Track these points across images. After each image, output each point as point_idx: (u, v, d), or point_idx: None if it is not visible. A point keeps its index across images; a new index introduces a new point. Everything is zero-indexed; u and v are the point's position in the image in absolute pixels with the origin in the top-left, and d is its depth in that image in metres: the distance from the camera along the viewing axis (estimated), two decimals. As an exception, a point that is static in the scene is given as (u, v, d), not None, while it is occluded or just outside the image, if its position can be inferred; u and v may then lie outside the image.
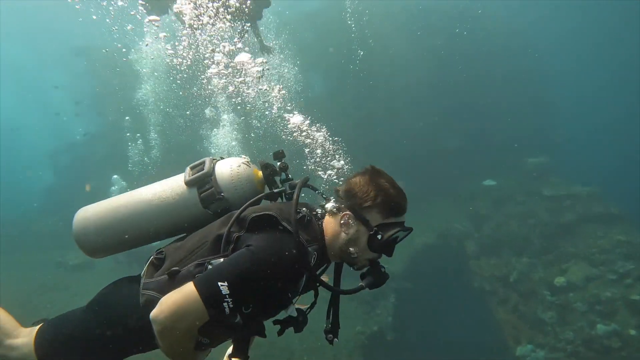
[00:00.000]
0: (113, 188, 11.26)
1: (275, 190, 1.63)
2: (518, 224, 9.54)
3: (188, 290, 1.22)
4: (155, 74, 10.83)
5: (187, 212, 1.61)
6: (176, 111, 11.25)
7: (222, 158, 1.73)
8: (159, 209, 1.62)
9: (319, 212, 1.53)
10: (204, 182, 1.60)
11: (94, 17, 5.70)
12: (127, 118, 12.18)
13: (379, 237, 1.37)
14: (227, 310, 1.21)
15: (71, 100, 15.45)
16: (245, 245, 1.31)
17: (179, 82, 9.94)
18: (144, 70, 10.78)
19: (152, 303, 1.29)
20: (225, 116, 8.56)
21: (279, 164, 1.65)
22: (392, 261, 1.36)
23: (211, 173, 1.61)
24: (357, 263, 1.44)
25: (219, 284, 1.21)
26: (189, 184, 1.61)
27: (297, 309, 1.45)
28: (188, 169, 1.68)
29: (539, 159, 11.07)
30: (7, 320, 1.59)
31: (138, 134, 11.88)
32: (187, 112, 10.53)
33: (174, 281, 1.35)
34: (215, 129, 8.67)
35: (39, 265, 10.29)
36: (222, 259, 1.34)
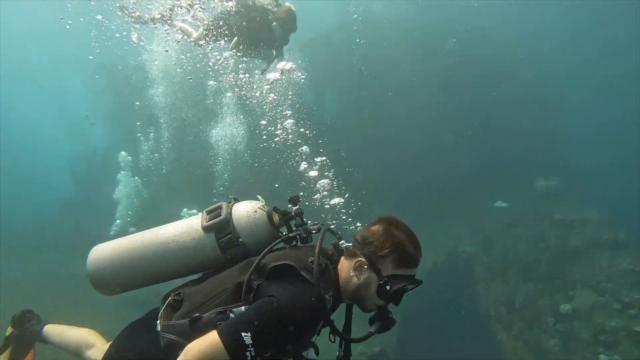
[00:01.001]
0: (122, 166, 11.57)
1: (291, 235, 1.66)
2: (527, 247, 9.59)
3: (212, 339, 1.29)
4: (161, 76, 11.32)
5: (204, 256, 1.65)
6: (185, 107, 11.60)
7: (237, 200, 1.79)
8: (176, 252, 1.66)
9: (335, 256, 1.59)
10: (221, 228, 1.64)
11: (117, 35, 6.17)
12: (137, 123, 12.55)
13: (388, 287, 1.42)
14: (249, 358, 1.28)
15: (92, 110, 16.04)
16: (267, 295, 1.36)
17: (190, 80, 10.34)
18: (155, 74, 11.16)
19: (173, 347, 1.39)
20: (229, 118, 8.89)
21: (294, 208, 1.69)
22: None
23: (229, 219, 1.64)
24: (366, 307, 1.52)
25: (243, 334, 1.27)
26: (206, 229, 1.65)
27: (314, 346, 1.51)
28: (205, 213, 1.72)
29: (550, 182, 11.07)
30: (89, 337, 2.00)
31: (151, 128, 12.14)
32: (192, 115, 10.95)
33: (196, 327, 1.41)
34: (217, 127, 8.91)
35: (51, 275, 10.55)
36: (243, 307, 1.39)
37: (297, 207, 1.69)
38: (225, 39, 5.07)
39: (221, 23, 4.92)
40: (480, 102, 12.50)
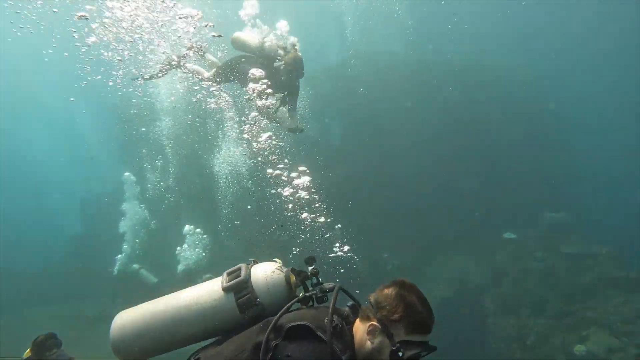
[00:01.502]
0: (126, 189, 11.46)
1: (307, 294, 1.71)
2: (537, 281, 9.49)
3: None
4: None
5: (223, 317, 1.72)
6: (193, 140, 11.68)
7: (255, 261, 1.87)
8: (197, 314, 1.73)
9: (350, 317, 1.62)
10: (241, 289, 1.71)
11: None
12: (143, 150, 12.60)
13: (401, 354, 1.42)
14: None
15: (100, 149, 16.16)
16: (285, 355, 1.40)
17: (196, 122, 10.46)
18: (163, 104, 11.34)
19: None
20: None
21: (310, 268, 1.74)
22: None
23: (247, 279, 1.72)
24: None
25: None
26: (226, 289, 1.72)
27: None
28: (225, 274, 1.80)
29: (558, 214, 11.05)
30: None
31: (159, 156, 12.20)
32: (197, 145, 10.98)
33: None
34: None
35: (58, 317, 10.55)
36: None
37: (313, 267, 1.73)
38: (236, 80, 5.18)
39: (229, 70, 5.08)
40: (487, 133, 12.61)
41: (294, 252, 7.63)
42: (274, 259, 1.89)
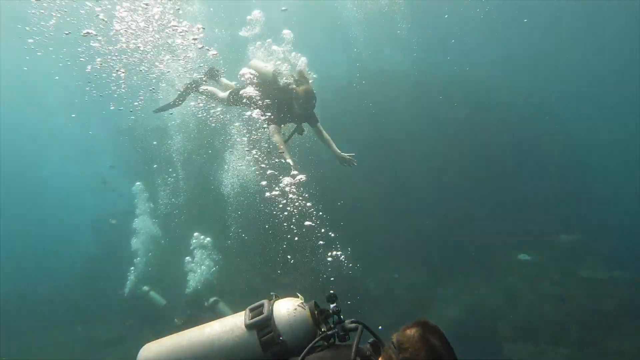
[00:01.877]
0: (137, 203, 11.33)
1: (329, 332, 1.71)
2: (554, 307, 9.18)
3: None
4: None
5: (246, 354, 1.72)
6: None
7: (277, 297, 1.87)
8: (220, 351, 1.74)
9: (372, 356, 1.61)
10: (264, 326, 1.72)
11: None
12: (154, 166, 12.64)
13: None
14: None
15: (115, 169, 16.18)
16: None
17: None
18: (173, 123, 11.43)
19: None
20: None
21: (332, 306, 1.75)
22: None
23: (270, 317, 1.73)
24: None
25: None
26: (249, 327, 1.73)
27: None
28: (248, 311, 1.81)
29: (572, 236, 10.80)
30: None
31: (170, 170, 12.21)
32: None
33: None
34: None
35: (70, 340, 10.42)
36: None
37: (335, 304, 1.75)
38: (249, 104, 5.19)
39: (243, 94, 5.08)
40: (502, 153, 12.49)
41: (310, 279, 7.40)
42: (297, 294, 1.89)
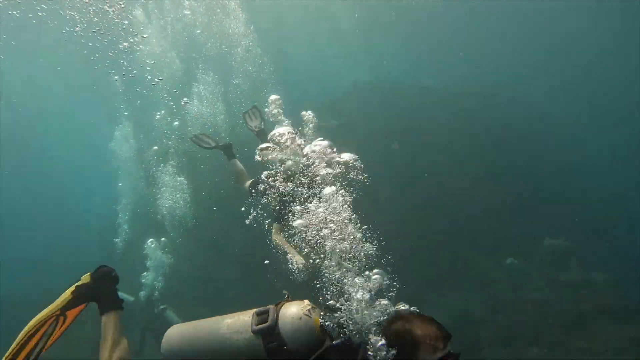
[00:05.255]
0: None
1: (334, 342, 1.78)
2: (533, 311, 9.59)
3: None
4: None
5: (253, 356, 1.84)
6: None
7: (287, 297, 2.00)
8: (231, 347, 1.88)
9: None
10: (269, 335, 1.79)
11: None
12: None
13: None
14: None
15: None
16: None
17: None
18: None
19: None
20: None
21: (337, 315, 1.84)
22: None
23: (275, 325, 1.80)
24: None
25: None
26: (255, 332, 1.83)
27: None
28: (254, 315, 1.91)
29: (557, 241, 11.20)
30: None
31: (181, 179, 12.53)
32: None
33: None
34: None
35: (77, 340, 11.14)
36: None
37: (339, 314, 1.82)
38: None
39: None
40: (488, 158, 13.00)
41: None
42: (305, 300, 1.97)
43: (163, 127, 12.70)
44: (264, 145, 4.55)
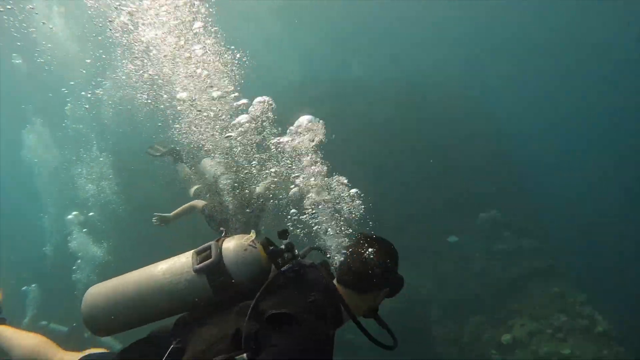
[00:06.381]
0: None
1: (284, 269, 1.72)
2: (474, 282, 10.30)
3: None
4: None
5: (198, 297, 1.71)
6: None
7: (225, 233, 2.01)
8: (171, 295, 1.71)
9: (332, 273, 1.77)
10: (213, 272, 1.68)
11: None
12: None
13: (392, 294, 1.84)
14: None
15: None
16: (270, 345, 1.41)
17: None
18: None
19: None
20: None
21: (285, 242, 1.77)
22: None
23: (219, 260, 1.69)
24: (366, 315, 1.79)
25: None
26: (198, 272, 1.69)
27: None
28: (194, 254, 1.77)
29: (490, 214, 12.06)
30: (49, 345, 2.03)
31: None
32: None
33: None
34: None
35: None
36: (245, 356, 1.43)
37: (287, 240, 1.77)
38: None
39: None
40: (422, 140, 13.70)
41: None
42: (251, 232, 1.87)
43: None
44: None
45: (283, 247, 1.75)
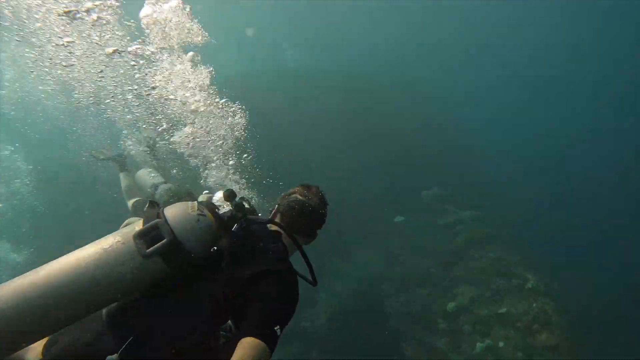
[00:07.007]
0: None
1: (233, 230, 1.79)
2: (422, 256, 10.81)
3: (257, 347, 1.42)
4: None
5: (148, 281, 1.54)
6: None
7: (158, 204, 1.70)
8: (110, 287, 1.47)
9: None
10: (170, 252, 1.53)
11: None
12: None
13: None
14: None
15: None
16: (260, 300, 1.54)
17: None
18: None
19: None
20: None
21: (234, 202, 1.82)
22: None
23: (174, 239, 1.54)
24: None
25: (276, 329, 1.50)
26: (150, 255, 1.50)
27: None
28: (137, 236, 1.53)
29: (432, 191, 12.67)
30: None
31: None
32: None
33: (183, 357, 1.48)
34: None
35: None
36: (230, 322, 1.59)
37: (237, 201, 1.83)
38: None
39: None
40: (367, 124, 14.01)
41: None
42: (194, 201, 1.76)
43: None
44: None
45: (231, 208, 1.80)
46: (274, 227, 1.89)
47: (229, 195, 1.81)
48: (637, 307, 11.70)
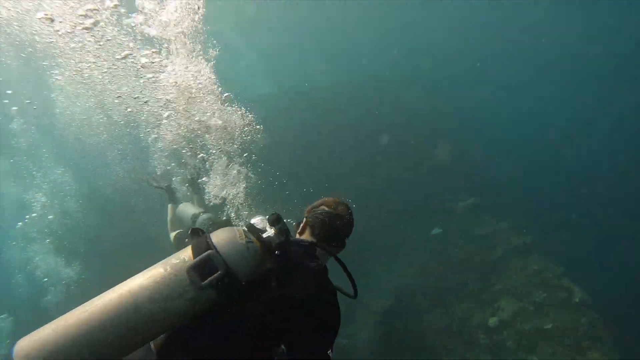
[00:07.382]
0: None
1: (277, 253, 1.76)
2: (458, 268, 10.56)
3: None
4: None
5: (201, 312, 1.58)
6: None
7: (201, 231, 1.74)
8: (164, 320, 1.51)
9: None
10: (224, 282, 1.55)
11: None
12: None
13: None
14: None
15: None
16: (312, 323, 1.62)
17: None
18: None
19: None
20: None
21: (277, 226, 1.80)
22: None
23: (227, 270, 1.56)
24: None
25: (329, 353, 1.60)
26: (205, 288, 1.53)
27: None
28: (191, 269, 1.55)
29: (468, 201, 12.39)
30: None
31: None
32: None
33: None
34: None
35: None
36: (284, 347, 1.59)
37: (280, 225, 1.80)
38: None
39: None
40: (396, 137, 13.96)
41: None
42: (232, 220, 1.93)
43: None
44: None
45: (275, 231, 1.80)
46: (307, 239, 1.93)
47: (275, 220, 1.80)
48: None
